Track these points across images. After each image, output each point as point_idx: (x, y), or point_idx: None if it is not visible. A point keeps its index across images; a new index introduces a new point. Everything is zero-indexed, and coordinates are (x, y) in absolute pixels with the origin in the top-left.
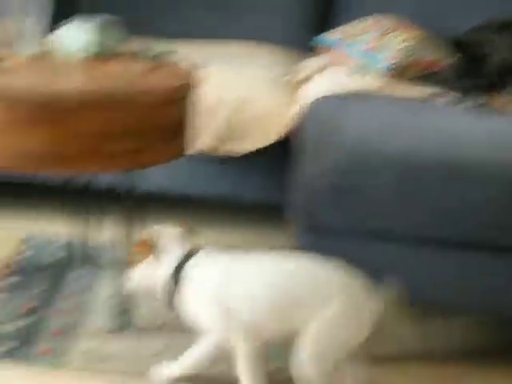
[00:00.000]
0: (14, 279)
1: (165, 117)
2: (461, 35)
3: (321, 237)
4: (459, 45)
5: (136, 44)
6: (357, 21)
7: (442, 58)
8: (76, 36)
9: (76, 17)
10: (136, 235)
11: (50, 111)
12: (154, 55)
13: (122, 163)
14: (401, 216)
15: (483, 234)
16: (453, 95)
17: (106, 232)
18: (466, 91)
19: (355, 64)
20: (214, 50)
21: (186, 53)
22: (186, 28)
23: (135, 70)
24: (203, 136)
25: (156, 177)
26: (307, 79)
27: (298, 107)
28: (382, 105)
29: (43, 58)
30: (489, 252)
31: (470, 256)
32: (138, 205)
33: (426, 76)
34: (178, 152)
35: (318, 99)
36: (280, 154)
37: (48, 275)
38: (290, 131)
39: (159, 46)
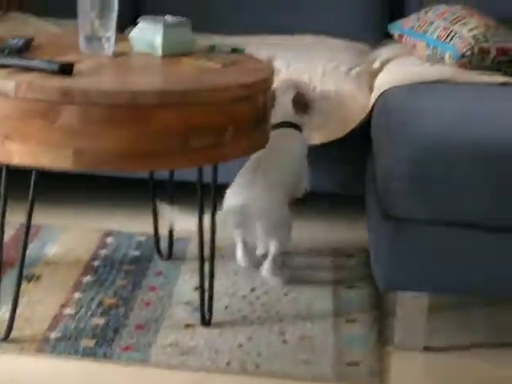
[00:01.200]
0: (95, 275)
1: (243, 111)
2: None
3: (399, 227)
4: None
5: (207, 41)
6: (428, 8)
7: None
8: (149, 36)
9: (142, 17)
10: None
11: (132, 111)
12: (228, 51)
13: (204, 158)
14: (481, 205)
15: None
16: None
17: (185, 225)
18: None
19: (427, 52)
20: (285, 43)
21: (258, 48)
22: (252, 23)
23: (211, 67)
24: None
25: (231, 169)
26: (381, 68)
27: (372, 97)
28: (456, 93)
29: (120, 58)
30: None
31: None
32: (214, 197)
33: (499, 62)
34: (258, 145)
35: (391, 89)
36: (358, 144)
37: (129, 270)
38: (365, 121)
39: (230, 42)
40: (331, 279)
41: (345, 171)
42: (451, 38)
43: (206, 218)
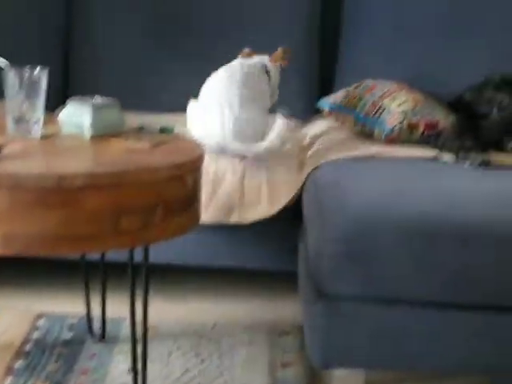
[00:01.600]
0: (26, 359)
1: (172, 192)
2: (460, 94)
3: (331, 304)
4: (459, 104)
5: (136, 121)
6: (357, 84)
7: (441, 119)
8: (78, 117)
9: (71, 98)
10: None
11: (59, 194)
12: (156, 131)
13: (135, 240)
14: (411, 281)
15: (500, 297)
16: (455, 154)
17: (118, 307)
18: (468, 149)
19: (357, 128)
20: None
21: (183, 127)
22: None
23: (140, 148)
24: (210, 207)
25: (163, 249)
26: (311, 144)
27: (303, 174)
28: (385, 168)
29: (48, 140)
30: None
31: (486, 319)
32: (146, 277)
33: (427, 137)
34: (188, 226)
35: (321, 165)
36: (291, 221)
37: (61, 353)
38: (296, 198)
39: (159, 122)
40: (266, 358)
41: (277, 248)
42: (380, 114)
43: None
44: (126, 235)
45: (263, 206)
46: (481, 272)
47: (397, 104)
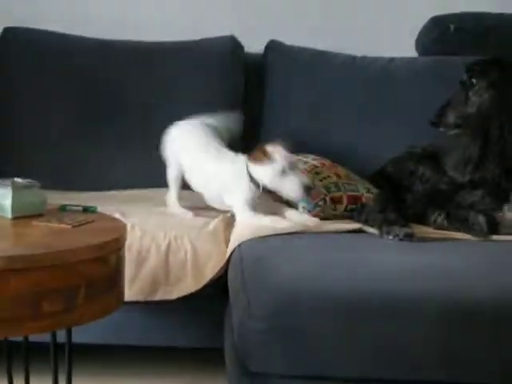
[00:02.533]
0: None
1: (94, 273)
2: (382, 167)
3: (257, 382)
4: (381, 177)
5: (57, 201)
6: None
7: (364, 192)
8: None
9: None
10: None
11: None
12: (79, 210)
13: (57, 323)
14: (338, 357)
15: (425, 371)
16: (379, 228)
17: None
18: (391, 223)
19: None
20: (139, 197)
21: (111, 204)
22: (100, 180)
23: (61, 228)
24: (135, 285)
25: (87, 328)
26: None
27: (228, 249)
28: (310, 243)
29: None
30: None
31: None
32: (69, 358)
33: (351, 211)
34: (112, 306)
35: (246, 241)
36: (217, 297)
37: None
38: (222, 273)
39: (80, 201)
40: None
41: (205, 324)
42: None
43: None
44: (48, 318)
45: (188, 282)
46: (409, 346)
47: (319, 179)
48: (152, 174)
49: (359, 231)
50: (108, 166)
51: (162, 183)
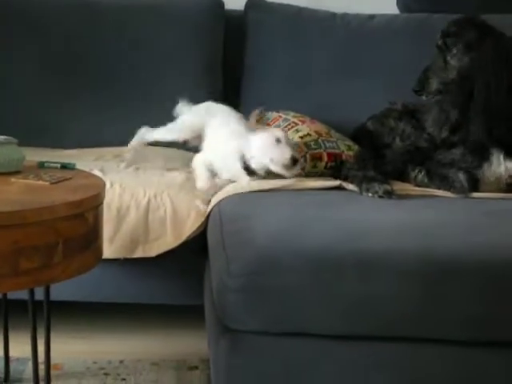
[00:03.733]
0: None
1: (72, 230)
2: (362, 124)
3: (234, 339)
4: (362, 134)
5: (35, 158)
6: (261, 115)
7: (345, 150)
8: None
9: None
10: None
11: None
12: (57, 167)
13: (35, 280)
14: (315, 314)
15: (400, 327)
16: (358, 185)
17: (21, 346)
18: (371, 180)
19: None
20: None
21: (85, 163)
22: (77, 138)
23: (39, 185)
24: (115, 243)
25: (65, 286)
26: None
27: (208, 206)
28: (290, 200)
29: None
30: (406, 346)
31: (390, 350)
32: (48, 315)
33: (332, 168)
34: (90, 263)
35: (226, 198)
36: (195, 254)
37: None
38: (202, 230)
39: (58, 158)
40: None
41: (184, 281)
42: None
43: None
44: (26, 276)
45: (168, 238)
46: (383, 303)
47: (299, 136)
48: (129, 132)
49: (339, 188)
50: (82, 123)
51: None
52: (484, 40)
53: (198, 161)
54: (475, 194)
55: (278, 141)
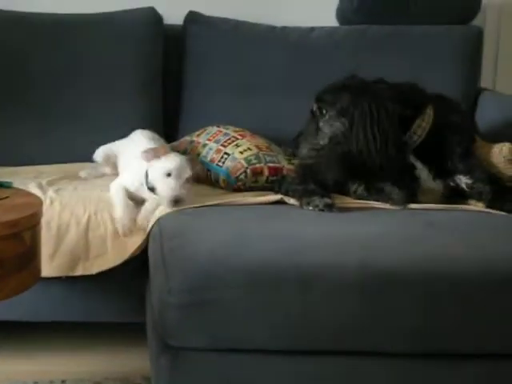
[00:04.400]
0: None
1: (10, 250)
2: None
3: (174, 356)
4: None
5: None
6: (201, 131)
7: (285, 164)
8: None
9: None
10: None
11: None
12: None
13: None
14: (255, 329)
15: (340, 341)
16: (299, 199)
17: None
18: (311, 194)
19: (202, 175)
20: (58, 171)
21: (24, 181)
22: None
23: None
24: (55, 261)
25: (3, 306)
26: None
27: (150, 222)
28: (230, 215)
29: None
30: (347, 359)
31: (329, 364)
32: None
33: (272, 182)
34: (27, 283)
35: (167, 214)
36: (137, 272)
37: None
38: (144, 247)
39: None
40: None
41: (126, 299)
42: (224, 161)
43: None
44: None
45: (109, 257)
46: (322, 317)
47: (240, 151)
48: (67, 148)
49: (280, 202)
50: (20, 140)
51: (78, 157)
52: (356, 105)
53: (114, 187)
54: (413, 206)
55: (169, 175)
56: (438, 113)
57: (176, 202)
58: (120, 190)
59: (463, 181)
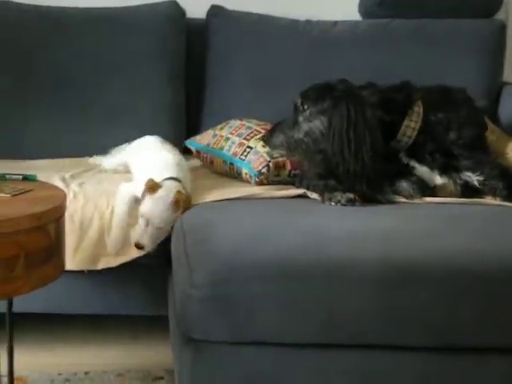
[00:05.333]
0: None
1: (34, 242)
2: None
3: (197, 350)
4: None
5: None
6: (224, 124)
7: None
8: None
9: None
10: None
11: None
12: (19, 179)
13: None
14: (279, 324)
15: (362, 335)
16: (320, 195)
17: None
18: (333, 189)
19: (225, 169)
20: (81, 165)
21: (48, 174)
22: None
23: (0, 197)
24: (78, 254)
25: (28, 298)
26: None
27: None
28: (254, 209)
29: None
30: (370, 353)
31: (356, 358)
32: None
33: (294, 176)
34: (51, 276)
35: (190, 207)
36: (159, 265)
37: None
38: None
39: (20, 170)
40: None
41: (148, 293)
42: (247, 155)
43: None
44: None
45: (131, 249)
46: (345, 311)
47: (262, 145)
48: (91, 141)
49: (302, 196)
50: (46, 134)
51: (102, 151)
52: (336, 107)
53: (122, 191)
54: (428, 199)
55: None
56: (432, 108)
57: (137, 246)
58: (127, 196)
59: (474, 178)
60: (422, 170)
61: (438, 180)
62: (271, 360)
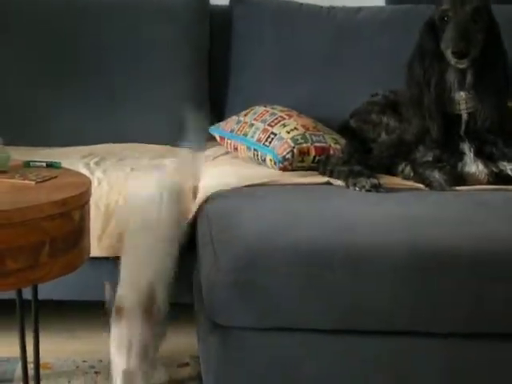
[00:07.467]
0: None
1: (58, 229)
2: (345, 120)
3: (225, 335)
4: (346, 130)
5: (21, 157)
6: (248, 110)
7: (332, 144)
8: None
9: None
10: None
11: None
12: (43, 166)
13: (22, 280)
14: (304, 310)
15: (390, 321)
16: (345, 181)
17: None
18: (357, 175)
19: (249, 155)
20: (106, 152)
21: (70, 161)
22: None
23: (25, 184)
24: (103, 241)
25: (53, 285)
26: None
27: (196, 202)
28: (279, 196)
29: None
30: (397, 340)
31: (380, 345)
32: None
33: (318, 162)
34: (76, 262)
35: (212, 193)
36: (184, 251)
37: None
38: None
39: (44, 157)
40: None
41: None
42: (271, 141)
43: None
44: (13, 276)
45: None
46: (371, 297)
47: (287, 130)
48: (116, 128)
49: (326, 183)
50: (71, 120)
51: (127, 138)
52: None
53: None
54: (458, 188)
55: None
56: None
57: None
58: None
59: (508, 167)
60: (467, 156)
61: (474, 168)
62: (297, 346)
